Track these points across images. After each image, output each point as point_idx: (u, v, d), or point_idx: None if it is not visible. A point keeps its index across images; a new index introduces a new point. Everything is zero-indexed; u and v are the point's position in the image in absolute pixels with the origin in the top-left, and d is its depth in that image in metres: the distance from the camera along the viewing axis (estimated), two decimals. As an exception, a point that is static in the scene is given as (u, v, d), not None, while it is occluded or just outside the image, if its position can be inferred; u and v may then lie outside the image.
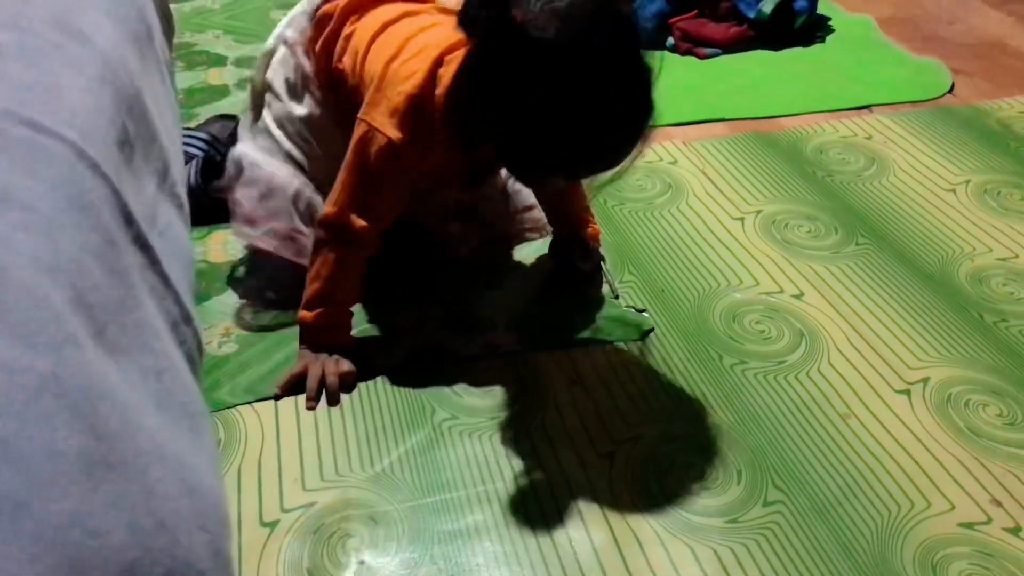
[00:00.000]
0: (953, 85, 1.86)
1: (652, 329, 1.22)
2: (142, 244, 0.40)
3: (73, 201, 0.35)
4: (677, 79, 1.92)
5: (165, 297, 0.42)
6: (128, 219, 0.39)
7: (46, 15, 0.45)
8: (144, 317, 0.37)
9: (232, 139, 1.67)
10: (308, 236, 1.19)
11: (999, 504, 0.97)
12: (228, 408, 1.10)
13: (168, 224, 0.46)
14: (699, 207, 1.49)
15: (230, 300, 1.28)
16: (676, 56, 2.03)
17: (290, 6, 2.29)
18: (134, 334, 0.36)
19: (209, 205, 1.47)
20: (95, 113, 0.40)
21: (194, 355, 0.44)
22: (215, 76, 1.96)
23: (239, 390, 1.12)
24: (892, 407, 1.09)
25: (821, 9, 2.13)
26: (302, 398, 1.11)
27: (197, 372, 0.44)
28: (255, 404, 1.11)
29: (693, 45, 2.03)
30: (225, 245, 1.41)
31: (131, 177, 0.42)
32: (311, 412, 1.10)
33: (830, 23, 2.14)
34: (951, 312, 1.24)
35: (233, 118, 1.71)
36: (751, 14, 2.03)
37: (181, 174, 0.54)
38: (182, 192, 0.52)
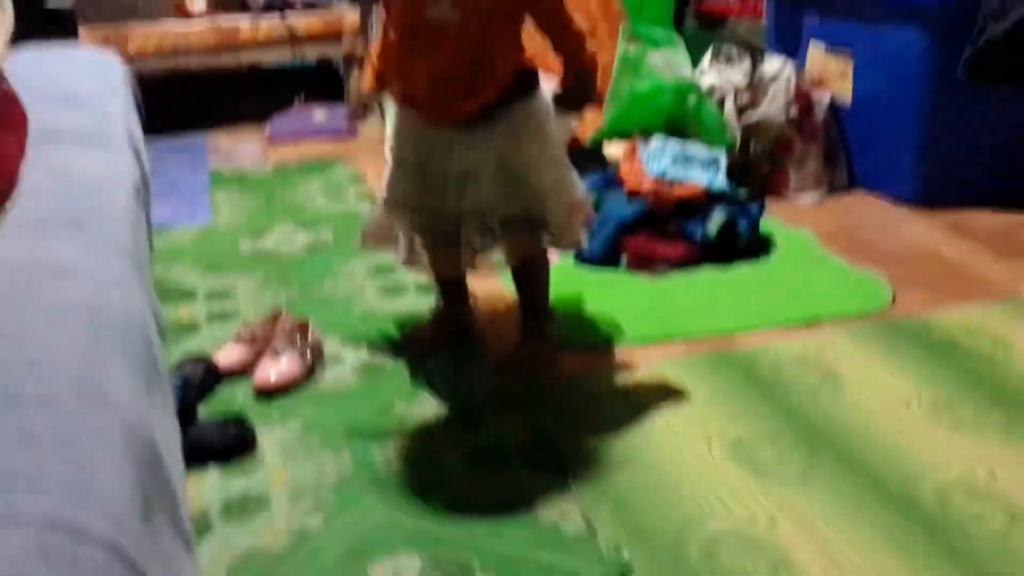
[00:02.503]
0: (894, 296, 1.97)
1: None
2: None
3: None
4: (633, 298, 2.01)
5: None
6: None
7: (70, 376, 0.48)
8: None
9: (204, 381, 1.70)
10: None
11: None
12: None
13: (179, 570, 0.48)
14: (665, 431, 1.53)
15: (204, 551, 1.27)
16: (630, 275, 2.12)
17: (259, 233, 2.40)
18: None
19: (184, 450, 1.48)
20: (123, 493, 0.42)
21: None
22: (185, 312, 2.00)
23: None
24: (875, 643, 1.09)
25: (763, 226, 2.26)
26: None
27: None
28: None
29: (645, 264, 2.14)
30: (200, 488, 1.40)
31: (151, 542, 0.44)
32: None
33: (773, 239, 2.26)
34: (922, 537, 1.27)
35: (204, 360, 1.74)
36: (697, 235, 2.15)
37: (184, 499, 0.57)
38: (187, 524, 0.54)
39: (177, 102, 3.20)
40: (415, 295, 2.05)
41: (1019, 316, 1.87)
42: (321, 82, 3.75)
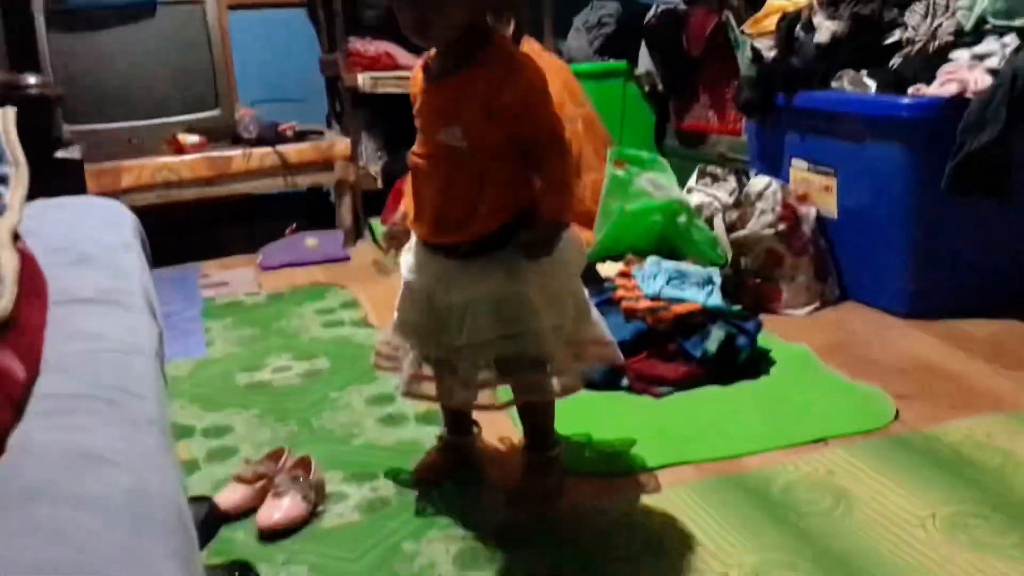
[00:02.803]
0: (898, 412, 1.97)
1: None
2: None
3: None
4: (637, 421, 1.99)
5: None
6: None
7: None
8: None
9: (206, 524, 1.66)
10: None
11: None
12: None
13: None
14: (681, 563, 1.50)
15: None
16: (633, 396, 2.12)
17: (255, 364, 2.39)
18: None
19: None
20: None
21: None
22: (184, 449, 1.97)
23: None
24: None
25: (760, 341, 2.27)
26: None
27: None
28: None
29: (647, 385, 2.14)
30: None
31: None
32: None
33: (771, 354, 2.27)
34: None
35: (205, 500, 1.70)
36: (697, 353, 2.16)
37: None
38: None
39: (169, 233, 3.21)
40: (416, 425, 2.03)
41: (1024, 428, 1.87)
42: (313, 209, 3.81)
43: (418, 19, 1.48)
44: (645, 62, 3.71)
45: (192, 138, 3.37)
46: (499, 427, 1.93)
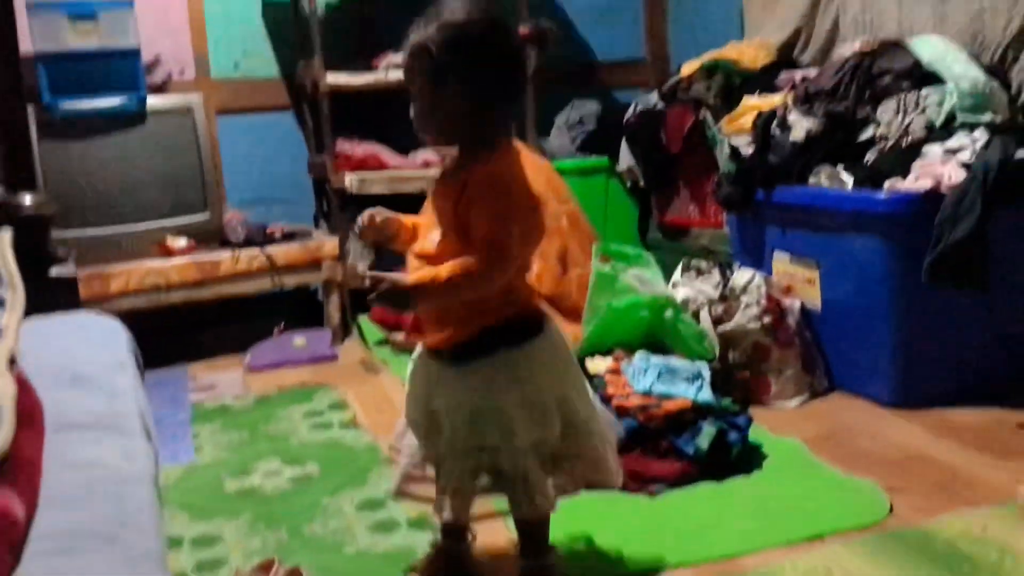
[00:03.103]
0: (891, 506, 1.96)
1: None
2: None
3: None
4: (632, 521, 1.98)
5: None
6: None
7: None
8: None
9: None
10: None
11: None
12: None
13: None
14: (683, 671, 1.47)
15: None
16: (627, 496, 2.10)
17: (244, 469, 2.35)
18: None
19: None
20: None
21: None
22: (173, 562, 1.93)
23: None
24: None
25: (751, 436, 2.27)
26: None
27: None
28: None
29: (641, 484, 2.12)
30: None
31: None
32: None
33: (762, 449, 2.27)
34: None
35: (196, 616, 1.67)
36: (689, 450, 2.15)
37: None
38: None
39: (156, 335, 3.21)
40: (408, 530, 2.00)
41: (1021, 521, 1.86)
42: (300, 308, 3.81)
43: (416, 126, 1.58)
44: (626, 158, 3.79)
45: (181, 242, 3.39)
46: (495, 532, 1.91)
